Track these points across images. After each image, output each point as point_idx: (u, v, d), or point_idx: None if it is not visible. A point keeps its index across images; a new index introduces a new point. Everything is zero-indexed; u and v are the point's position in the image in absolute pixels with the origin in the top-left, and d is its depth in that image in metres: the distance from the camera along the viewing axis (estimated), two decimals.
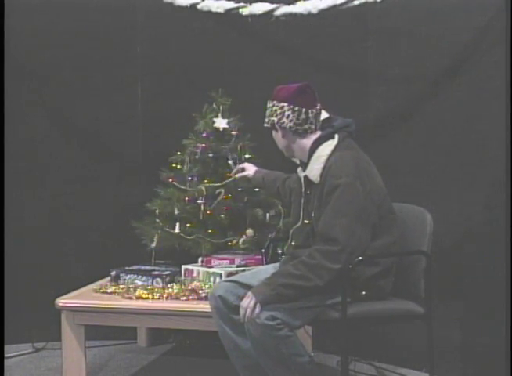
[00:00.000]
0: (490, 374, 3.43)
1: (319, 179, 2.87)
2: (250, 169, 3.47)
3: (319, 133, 2.94)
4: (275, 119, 2.93)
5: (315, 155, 2.91)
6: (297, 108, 2.90)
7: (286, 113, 2.91)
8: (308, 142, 2.94)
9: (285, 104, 2.91)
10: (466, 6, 3.49)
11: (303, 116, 2.90)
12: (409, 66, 3.66)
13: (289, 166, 3.19)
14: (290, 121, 2.91)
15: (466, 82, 3.51)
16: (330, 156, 2.87)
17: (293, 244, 3.03)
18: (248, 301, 2.74)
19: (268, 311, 2.71)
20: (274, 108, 2.94)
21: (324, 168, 2.86)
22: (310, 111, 2.91)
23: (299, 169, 3.07)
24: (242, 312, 2.75)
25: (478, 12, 3.46)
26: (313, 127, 2.92)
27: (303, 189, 2.99)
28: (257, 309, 2.72)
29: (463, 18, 3.50)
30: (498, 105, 3.38)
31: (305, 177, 2.95)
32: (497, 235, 3.38)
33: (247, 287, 2.91)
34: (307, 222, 2.97)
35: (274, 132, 3.00)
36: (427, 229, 2.99)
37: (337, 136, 2.92)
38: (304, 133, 2.93)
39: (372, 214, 2.83)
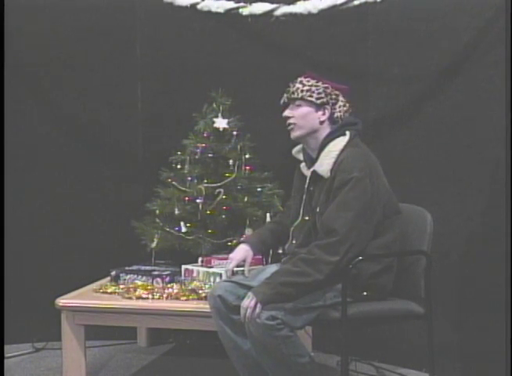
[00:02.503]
0: (490, 374, 3.43)
1: (328, 174, 2.87)
2: (246, 258, 3.12)
3: (329, 129, 2.96)
4: (305, 93, 2.96)
5: (326, 150, 2.92)
6: (324, 85, 2.98)
7: (313, 88, 2.96)
8: (322, 130, 2.95)
9: (313, 81, 2.98)
10: (466, 6, 3.49)
11: (329, 90, 2.97)
12: (409, 66, 3.66)
13: (288, 166, 3.19)
14: (319, 94, 2.95)
15: (466, 82, 3.51)
16: (342, 151, 2.88)
17: (294, 242, 3.04)
18: (249, 301, 2.74)
19: (268, 311, 2.71)
20: (303, 82, 2.98)
21: (335, 163, 2.87)
22: (334, 92, 2.99)
23: (302, 165, 3.07)
24: (242, 312, 2.75)
25: (478, 12, 3.46)
26: (331, 103, 2.97)
27: (306, 186, 2.99)
28: (258, 309, 2.71)
29: (463, 18, 3.50)
30: (498, 105, 3.38)
31: (313, 172, 2.95)
32: (497, 235, 3.38)
33: (247, 287, 2.91)
34: (307, 218, 2.97)
35: (293, 108, 2.99)
36: (427, 229, 2.99)
37: (348, 133, 2.93)
38: (324, 107, 2.95)
39: (376, 212, 2.84)
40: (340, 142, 2.91)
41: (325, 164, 2.89)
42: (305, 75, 3.01)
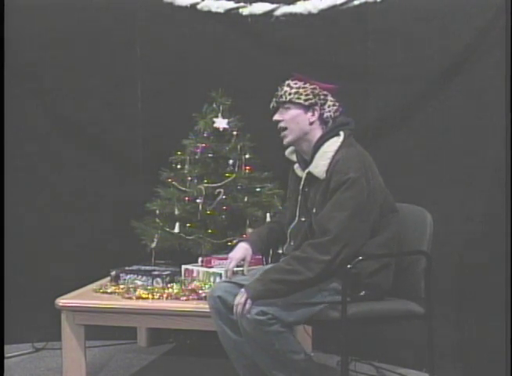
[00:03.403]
0: (490, 374, 3.43)
1: (324, 175, 2.87)
2: (246, 256, 3.14)
3: (321, 129, 2.95)
4: (293, 96, 2.95)
5: (321, 151, 2.91)
6: (311, 86, 2.97)
7: (301, 90, 2.95)
8: (314, 132, 2.94)
9: (301, 83, 2.97)
10: (466, 6, 3.49)
11: (317, 91, 2.96)
12: (409, 66, 3.66)
13: (288, 166, 3.19)
14: (306, 95, 2.94)
15: (466, 82, 3.51)
16: (337, 152, 2.88)
17: (291, 244, 3.03)
18: (239, 298, 2.75)
19: (258, 306, 2.72)
20: (291, 85, 2.97)
21: (330, 164, 2.86)
22: (322, 92, 2.98)
23: (296, 166, 3.07)
24: (234, 309, 2.77)
25: (478, 12, 3.46)
26: (320, 103, 2.96)
27: (301, 187, 2.99)
28: (248, 305, 2.72)
29: (463, 18, 3.50)
30: (498, 105, 3.38)
31: (308, 173, 2.95)
32: (497, 235, 3.38)
33: None
34: (303, 219, 2.97)
35: (283, 111, 2.99)
36: (427, 229, 2.99)
37: (342, 133, 2.93)
38: (314, 108, 2.94)
39: (372, 211, 2.84)
40: (334, 143, 2.91)
41: (320, 165, 2.89)
42: (292, 78, 3.01)
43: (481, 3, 3.45)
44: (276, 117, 3.01)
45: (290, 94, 2.96)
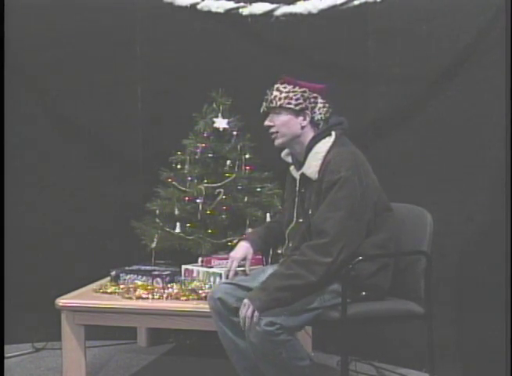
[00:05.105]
0: (490, 374, 3.43)
1: (317, 176, 2.87)
2: (247, 255, 3.14)
3: (312, 132, 2.95)
4: (283, 101, 2.94)
5: (313, 152, 2.91)
6: (301, 89, 2.94)
7: (291, 94, 2.93)
8: (306, 134, 2.94)
9: (290, 87, 2.95)
10: (466, 6, 3.49)
11: (306, 94, 2.94)
12: (409, 66, 3.66)
13: (288, 166, 3.19)
14: (297, 100, 2.93)
15: (466, 82, 3.51)
16: (328, 152, 2.88)
17: (290, 245, 3.03)
18: (245, 310, 2.72)
19: (266, 317, 2.69)
20: (280, 89, 2.95)
21: (322, 165, 2.86)
22: (312, 95, 2.95)
23: (292, 168, 3.07)
24: (241, 321, 2.74)
25: (478, 12, 3.46)
26: (310, 107, 2.94)
27: (297, 188, 2.99)
28: (255, 318, 2.69)
29: (463, 18, 3.50)
30: (498, 105, 3.38)
31: (302, 175, 2.95)
32: (497, 235, 3.38)
33: (246, 289, 2.90)
34: (300, 220, 2.97)
35: (273, 116, 2.97)
36: (427, 229, 2.99)
37: (333, 133, 2.93)
38: (304, 112, 2.92)
39: (367, 210, 2.83)
40: (325, 144, 2.90)
41: (312, 166, 2.89)
42: (281, 81, 2.99)
43: (481, 3, 3.45)
44: (267, 122, 3.00)
45: (280, 99, 2.94)
